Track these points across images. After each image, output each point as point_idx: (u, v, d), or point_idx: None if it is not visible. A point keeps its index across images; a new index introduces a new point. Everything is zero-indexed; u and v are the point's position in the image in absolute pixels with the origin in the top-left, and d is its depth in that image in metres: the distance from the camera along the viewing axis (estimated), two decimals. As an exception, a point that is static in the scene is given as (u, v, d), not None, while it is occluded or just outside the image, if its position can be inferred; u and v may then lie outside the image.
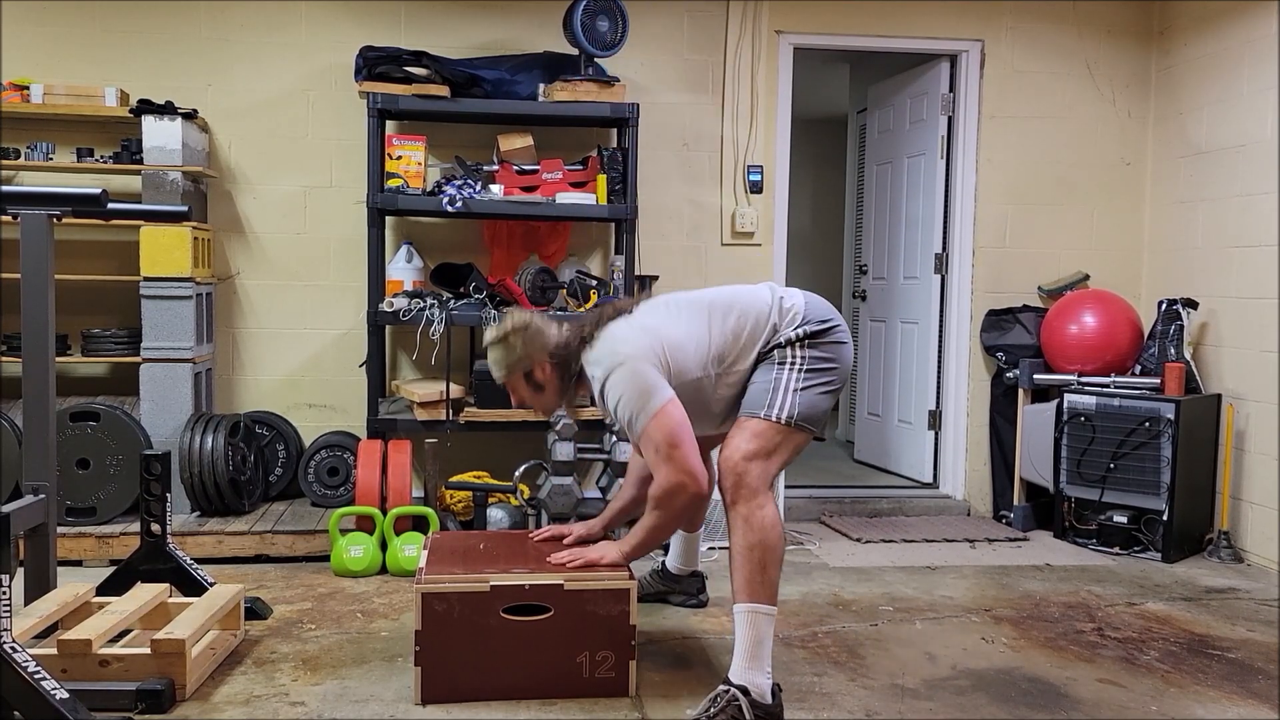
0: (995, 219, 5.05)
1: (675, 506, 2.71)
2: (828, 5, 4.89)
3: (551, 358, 2.85)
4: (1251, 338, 4.38)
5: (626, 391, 2.67)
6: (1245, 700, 2.83)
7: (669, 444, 2.65)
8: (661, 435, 2.65)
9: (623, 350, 2.72)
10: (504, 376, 2.89)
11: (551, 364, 2.85)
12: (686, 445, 2.66)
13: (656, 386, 2.68)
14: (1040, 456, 4.67)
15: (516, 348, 2.84)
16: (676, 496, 2.68)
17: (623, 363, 2.69)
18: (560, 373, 2.87)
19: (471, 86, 4.37)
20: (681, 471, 2.66)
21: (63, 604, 2.82)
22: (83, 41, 4.52)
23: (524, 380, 2.88)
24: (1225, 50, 4.59)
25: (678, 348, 2.75)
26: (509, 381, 2.91)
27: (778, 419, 2.68)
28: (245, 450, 4.26)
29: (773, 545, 2.59)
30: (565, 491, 4.06)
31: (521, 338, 2.84)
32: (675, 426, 2.66)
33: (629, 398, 2.67)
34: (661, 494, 2.69)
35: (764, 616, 2.57)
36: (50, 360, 2.88)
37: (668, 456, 2.65)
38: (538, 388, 2.89)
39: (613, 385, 2.69)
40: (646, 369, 2.68)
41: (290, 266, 4.69)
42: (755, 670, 2.55)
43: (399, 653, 3.02)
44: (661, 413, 2.65)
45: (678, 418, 2.67)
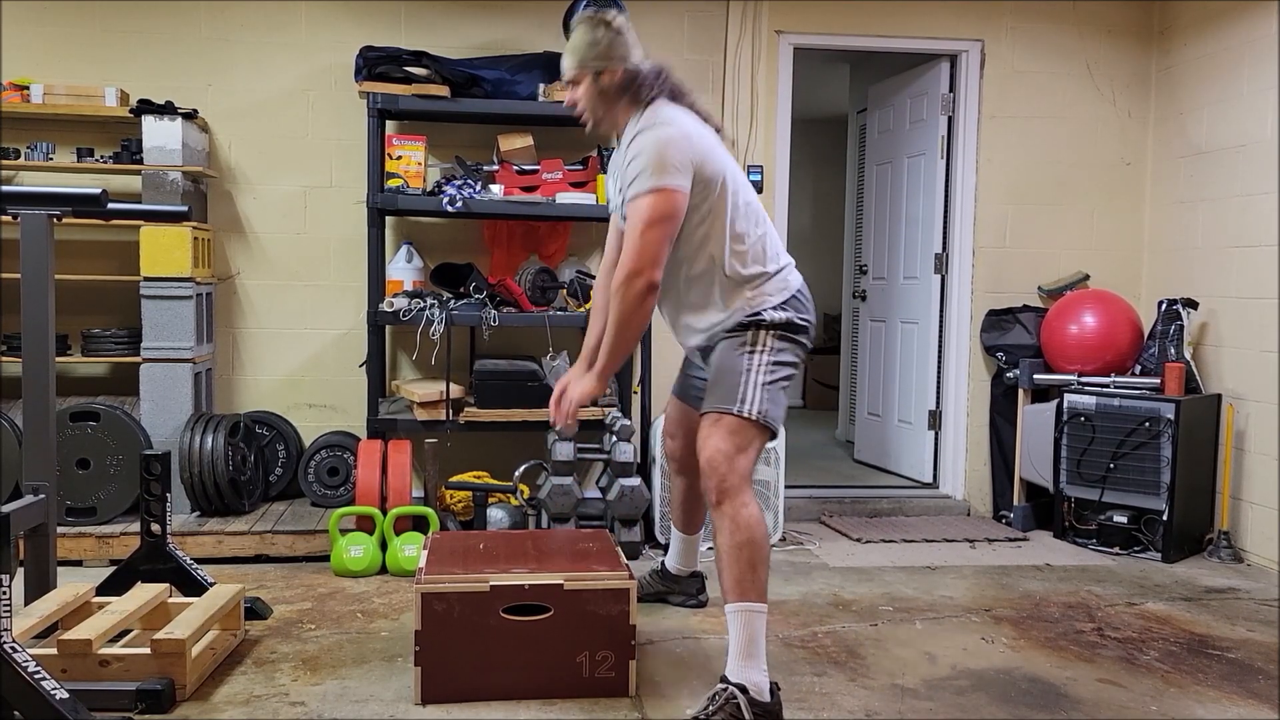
0: (995, 219, 5.05)
1: (630, 295, 2.63)
2: (828, 5, 4.90)
3: (625, 74, 2.78)
4: (1251, 338, 4.38)
5: (652, 153, 2.62)
6: (1245, 700, 2.83)
7: (648, 221, 2.61)
8: (648, 209, 2.61)
9: (679, 124, 2.68)
10: (574, 65, 2.82)
11: (624, 74, 2.78)
12: (662, 230, 2.62)
13: (679, 170, 2.63)
14: (1040, 456, 4.67)
15: (602, 42, 2.77)
16: (633, 282, 2.62)
17: (669, 128, 2.65)
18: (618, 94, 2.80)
19: (471, 86, 4.38)
20: (642, 255, 2.61)
21: (63, 604, 2.82)
22: (83, 41, 4.52)
23: (592, 80, 2.81)
24: (1225, 50, 4.59)
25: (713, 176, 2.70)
26: (577, 73, 2.83)
27: (749, 415, 2.67)
28: (245, 450, 4.27)
29: (759, 543, 2.59)
30: (565, 491, 4.06)
31: (612, 36, 2.78)
32: (664, 212, 2.61)
33: (649, 159, 2.62)
34: (620, 279, 2.64)
35: (756, 614, 2.56)
36: (50, 360, 2.88)
37: (640, 233, 2.61)
38: (601, 94, 2.81)
39: (646, 139, 2.65)
40: (682, 152, 2.64)
41: (290, 266, 4.70)
42: (751, 668, 2.55)
43: (399, 653, 3.02)
44: (663, 192, 2.61)
45: (675, 206, 2.63)
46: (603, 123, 2.87)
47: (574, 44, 2.81)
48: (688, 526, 3.42)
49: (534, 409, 4.27)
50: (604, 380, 2.79)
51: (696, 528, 3.44)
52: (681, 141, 2.65)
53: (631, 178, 2.65)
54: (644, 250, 2.61)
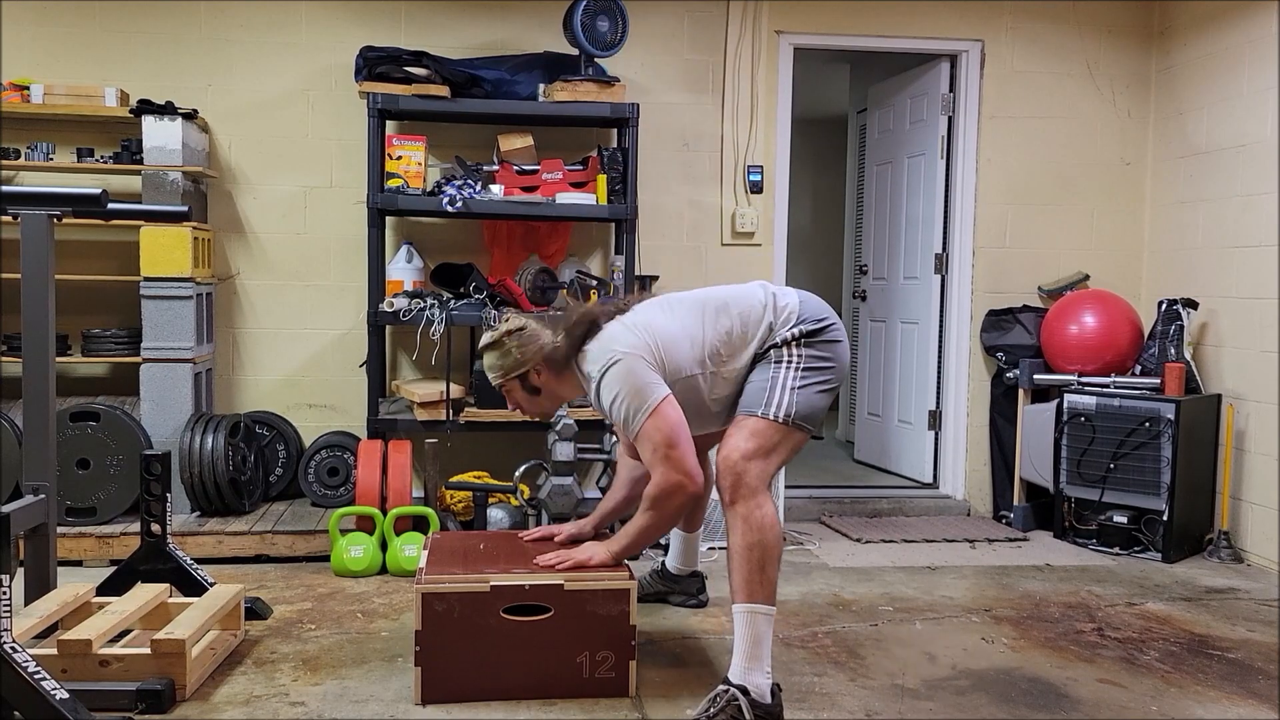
0: (995, 219, 5.05)
1: (670, 507, 2.71)
2: (828, 5, 4.89)
3: (546, 361, 2.84)
4: (1251, 338, 4.38)
5: (622, 389, 2.67)
6: (1245, 700, 2.83)
7: (666, 443, 2.65)
8: (659, 435, 2.65)
9: (617, 348, 2.71)
10: (499, 380, 2.89)
11: (547, 368, 2.85)
12: (684, 444, 2.66)
13: (652, 384, 2.68)
14: (1040, 456, 4.67)
15: (512, 352, 2.83)
16: (673, 497, 2.68)
17: (618, 360, 2.69)
18: (555, 376, 2.86)
19: (471, 86, 4.38)
20: (679, 471, 2.66)
21: (63, 604, 2.82)
22: (83, 41, 4.52)
23: (519, 384, 2.88)
24: (1225, 50, 4.59)
25: (672, 344, 2.75)
26: (504, 385, 2.90)
27: (775, 417, 2.67)
28: (245, 450, 4.26)
29: (771, 545, 2.58)
30: (565, 492, 4.06)
31: (517, 340, 2.83)
32: (672, 425, 2.66)
33: (624, 396, 2.67)
34: (658, 493, 2.69)
35: (763, 616, 2.56)
36: (50, 360, 2.88)
37: (665, 457, 2.65)
38: (533, 391, 2.89)
39: (608, 384, 2.69)
40: (641, 366, 2.68)
41: (290, 266, 4.70)
42: (754, 670, 2.55)
43: (399, 653, 3.02)
44: (658, 411, 2.65)
45: (674, 416, 2.67)
46: (550, 411, 2.97)
47: (489, 366, 2.89)
48: (688, 525, 3.42)
49: (534, 409, 4.27)
50: (616, 561, 2.81)
51: (696, 526, 3.45)
52: (636, 360, 2.69)
53: (623, 419, 2.69)
54: (675, 467, 2.66)
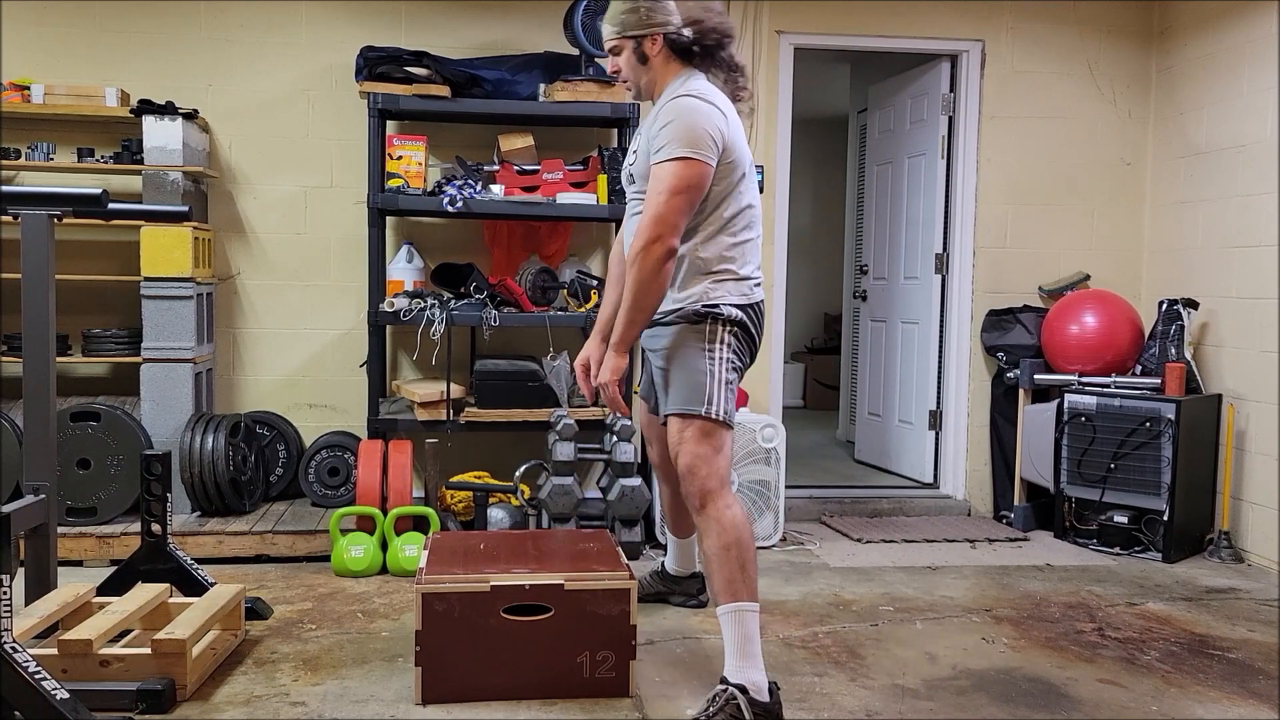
0: (996, 219, 5.05)
1: (648, 262, 2.60)
2: (828, 5, 4.89)
3: (666, 36, 2.76)
4: (1252, 338, 4.38)
5: (683, 123, 2.61)
6: (1246, 700, 2.83)
7: (673, 188, 2.59)
8: (675, 177, 2.59)
9: (714, 99, 2.68)
10: (614, 36, 2.80)
11: (664, 40, 2.76)
12: (684, 199, 2.60)
13: (708, 144, 2.61)
14: (1041, 456, 4.67)
15: (641, 9, 2.75)
16: (650, 249, 2.59)
17: (705, 101, 2.64)
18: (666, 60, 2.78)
19: (472, 86, 4.38)
20: (661, 221, 2.59)
21: (63, 604, 2.82)
22: (83, 41, 4.52)
23: (633, 49, 2.78)
24: (1225, 50, 4.59)
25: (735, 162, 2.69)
26: (618, 43, 2.81)
27: (717, 416, 2.66)
28: (246, 450, 4.27)
29: (746, 543, 2.60)
30: (566, 491, 4.06)
31: (651, 1, 2.75)
32: (688, 182, 2.59)
33: (679, 128, 2.60)
34: (640, 245, 2.61)
35: (749, 614, 2.57)
36: (51, 360, 2.88)
37: (664, 199, 2.59)
38: (642, 60, 2.79)
39: (679, 106, 2.63)
40: (713, 128, 2.63)
41: (290, 266, 4.70)
42: (750, 667, 2.55)
43: (399, 653, 3.02)
44: (689, 162, 2.59)
45: (701, 177, 2.61)
46: (644, 89, 2.86)
47: (613, 11, 2.80)
48: (679, 531, 3.41)
49: (534, 409, 4.27)
50: (624, 351, 2.73)
51: (688, 532, 3.41)
52: (716, 118, 2.65)
53: (662, 143, 2.62)
54: (665, 216, 2.59)
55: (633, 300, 2.64)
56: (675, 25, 2.77)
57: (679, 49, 2.77)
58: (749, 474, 4.30)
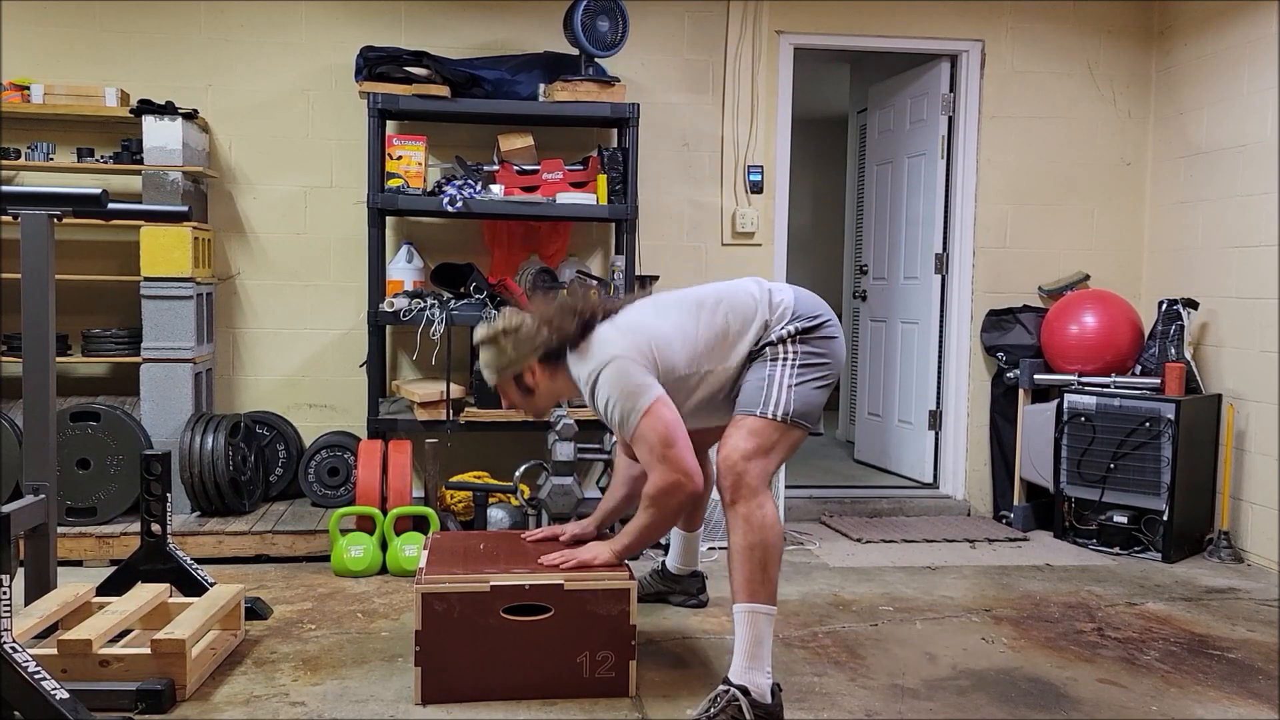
0: (995, 219, 5.05)
1: (670, 505, 2.71)
2: (828, 5, 4.89)
3: (541, 361, 2.82)
4: (1251, 338, 4.38)
5: (615, 391, 2.67)
6: (1245, 700, 2.83)
7: (663, 443, 2.65)
8: (655, 435, 2.65)
9: (609, 350, 2.71)
10: (493, 379, 2.88)
11: (541, 367, 2.82)
12: (680, 444, 2.66)
13: (645, 385, 2.67)
14: (1040, 456, 4.67)
15: (507, 350, 2.80)
16: (672, 495, 2.68)
17: (609, 362, 2.68)
18: (550, 375, 2.84)
19: (472, 86, 4.38)
20: (676, 470, 2.66)
21: (63, 604, 2.82)
22: (83, 41, 4.52)
23: (514, 383, 2.86)
24: (1225, 50, 4.59)
25: (665, 344, 2.74)
26: (499, 384, 2.89)
27: (774, 416, 2.66)
28: (245, 450, 4.27)
29: (773, 544, 2.59)
30: (565, 492, 4.06)
31: (512, 340, 2.80)
32: (668, 425, 2.65)
33: (617, 397, 2.66)
34: (657, 493, 2.69)
35: (764, 616, 2.57)
36: (50, 360, 2.88)
37: (662, 456, 2.65)
38: (527, 391, 2.86)
39: (601, 386, 2.69)
40: (634, 367, 2.68)
41: (290, 266, 4.70)
42: (755, 670, 2.55)
43: (399, 653, 3.02)
44: (652, 411, 2.65)
45: (669, 416, 2.67)
46: (545, 408, 2.94)
47: (484, 364, 2.86)
48: (688, 524, 3.41)
49: (534, 409, 4.27)
50: (621, 560, 2.81)
51: (697, 525, 3.44)
52: (628, 361, 2.68)
53: (618, 420, 2.68)
54: (673, 467, 2.66)
55: (644, 533, 2.78)
56: (541, 341, 2.79)
57: (557, 358, 2.81)
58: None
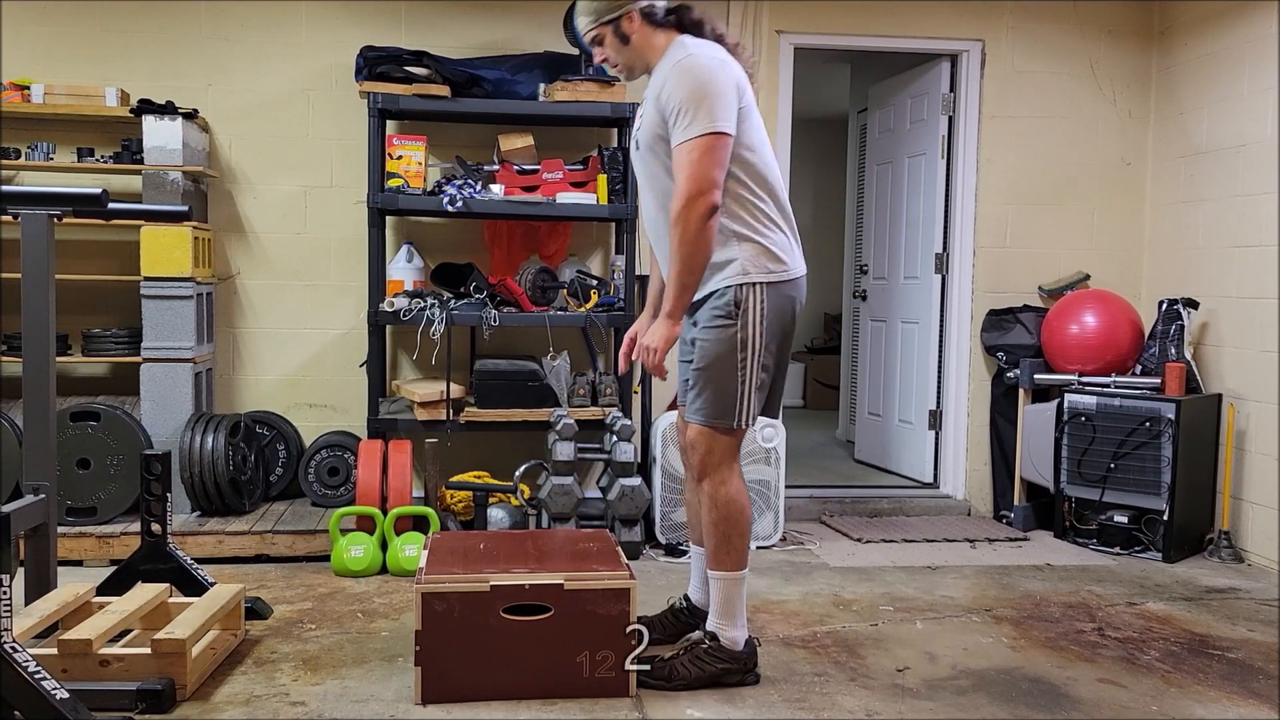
0: (996, 219, 5.04)
1: (691, 218, 2.56)
2: (828, 5, 4.89)
3: (644, 13, 2.73)
4: (1252, 338, 4.38)
5: (699, 90, 2.55)
6: (1246, 700, 2.83)
7: (701, 149, 2.54)
8: (698, 149, 2.55)
9: (717, 53, 2.64)
10: (590, 22, 2.77)
11: (644, 19, 2.74)
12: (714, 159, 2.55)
13: (727, 108, 2.57)
14: (1041, 456, 4.67)
15: None
16: (692, 206, 2.55)
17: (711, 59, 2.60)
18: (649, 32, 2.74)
19: (472, 86, 4.38)
20: (696, 179, 2.54)
21: (63, 604, 2.82)
22: (83, 41, 4.52)
23: (612, 30, 2.75)
24: (1225, 50, 4.59)
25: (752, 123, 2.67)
26: (596, 31, 2.78)
27: (740, 425, 2.74)
28: (246, 450, 4.27)
29: (736, 518, 2.74)
30: (566, 491, 4.06)
31: None
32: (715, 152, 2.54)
33: (698, 96, 2.55)
34: (679, 207, 2.57)
35: (730, 581, 2.76)
36: (50, 360, 2.88)
37: (693, 160, 2.55)
38: (624, 39, 2.76)
39: (688, 73, 2.58)
40: (729, 82, 2.59)
41: (290, 266, 4.70)
42: (727, 624, 2.77)
43: (399, 653, 3.02)
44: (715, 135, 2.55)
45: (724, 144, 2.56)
46: (637, 68, 2.82)
47: (582, 9, 2.78)
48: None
49: (534, 409, 4.27)
50: (678, 319, 2.69)
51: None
52: (722, 70, 2.61)
53: (681, 121, 2.57)
54: (700, 172, 2.55)
55: (681, 264, 2.61)
56: None
57: (659, 20, 2.75)
58: (749, 474, 4.29)
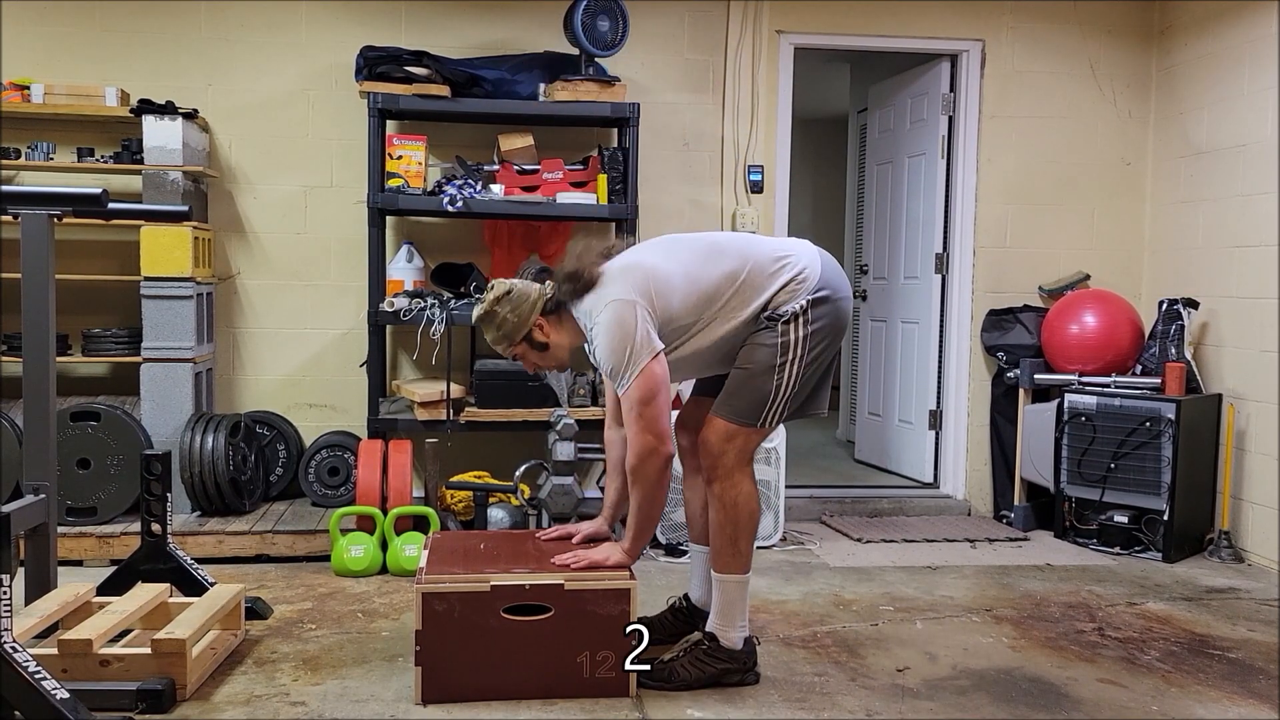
0: (996, 219, 5.04)
1: (649, 473, 2.65)
2: (828, 5, 4.89)
3: (545, 316, 2.78)
4: (1252, 338, 4.38)
5: (613, 341, 2.62)
6: (1246, 700, 2.83)
7: (642, 400, 2.61)
8: (639, 392, 2.61)
9: (608, 292, 2.67)
10: (507, 348, 2.83)
11: (547, 321, 2.79)
12: (659, 402, 2.62)
13: (642, 339, 2.62)
14: (1041, 456, 4.67)
15: (507, 319, 2.76)
16: (647, 462, 2.63)
17: (607, 305, 2.65)
18: (557, 327, 2.80)
19: (472, 86, 4.37)
20: (648, 431, 2.62)
21: (63, 604, 2.82)
22: (83, 41, 4.52)
23: (528, 345, 2.81)
24: (1225, 50, 4.58)
25: (666, 286, 2.69)
26: (514, 352, 2.84)
27: (765, 425, 2.74)
28: (246, 450, 4.26)
29: (743, 521, 2.75)
30: (566, 491, 4.06)
31: (509, 305, 2.77)
32: (655, 382, 2.61)
33: (616, 348, 2.62)
34: (634, 461, 2.65)
35: (734, 584, 2.78)
36: (51, 360, 2.88)
37: (639, 415, 2.62)
38: (543, 348, 2.82)
39: (600, 333, 2.65)
40: (631, 314, 2.62)
41: (290, 266, 4.69)
42: (728, 625, 2.79)
43: (399, 653, 3.02)
44: (646, 370, 2.61)
45: (659, 376, 2.62)
46: (571, 358, 2.88)
47: (492, 340, 2.82)
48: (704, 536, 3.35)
49: (534, 409, 4.27)
50: (635, 557, 2.78)
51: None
52: (628, 306, 2.63)
53: (610, 370, 2.65)
54: (649, 425, 2.62)
55: (641, 514, 2.72)
56: (537, 295, 2.77)
57: (558, 306, 2.79)
58: (749, 474, 4.29)
